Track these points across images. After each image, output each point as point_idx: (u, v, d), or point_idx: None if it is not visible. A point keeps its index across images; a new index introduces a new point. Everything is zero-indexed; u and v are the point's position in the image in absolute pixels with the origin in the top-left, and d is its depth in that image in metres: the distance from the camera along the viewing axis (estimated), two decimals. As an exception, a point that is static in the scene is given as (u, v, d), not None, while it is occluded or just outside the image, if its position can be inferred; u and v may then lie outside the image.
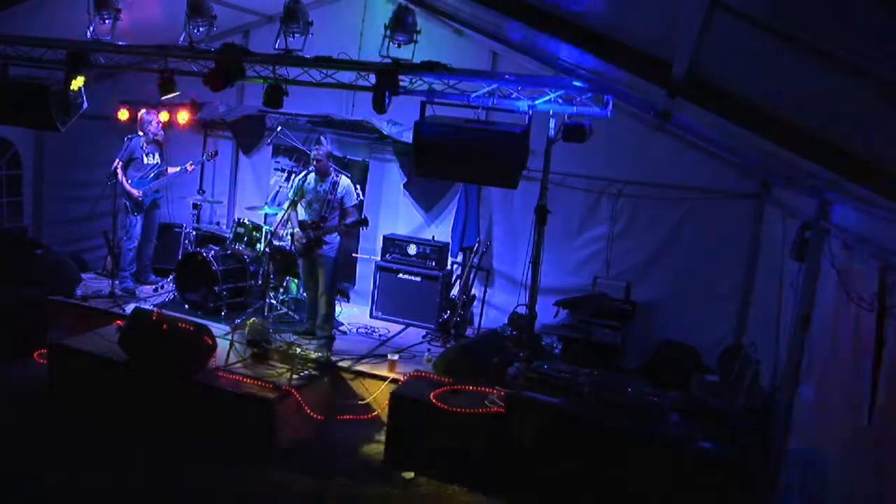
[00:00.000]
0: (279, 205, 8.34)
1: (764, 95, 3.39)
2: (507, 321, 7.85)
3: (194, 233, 8.96)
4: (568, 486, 5.21)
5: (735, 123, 3.73)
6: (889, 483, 3.23)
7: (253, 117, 8.81)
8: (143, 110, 8.31)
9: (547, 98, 5.84)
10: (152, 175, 8.38)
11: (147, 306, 7.31)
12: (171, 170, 8.54)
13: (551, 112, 5.95)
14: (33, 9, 6.92)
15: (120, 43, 6.64)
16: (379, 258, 8.40)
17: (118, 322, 6.99)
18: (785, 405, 4.96)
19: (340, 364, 6.78)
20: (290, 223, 7.44)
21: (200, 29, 6.33)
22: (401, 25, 5.87)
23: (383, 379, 6.50)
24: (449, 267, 8.31)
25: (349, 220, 7.16)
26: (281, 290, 8.15)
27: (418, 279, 8.17)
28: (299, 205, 7.41)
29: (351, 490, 5.47)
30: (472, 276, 8.07)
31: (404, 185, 8.62)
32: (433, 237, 8.39)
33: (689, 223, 7.57)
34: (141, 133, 8.27)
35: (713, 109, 3.73)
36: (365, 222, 7.27)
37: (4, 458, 5.32)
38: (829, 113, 2.99)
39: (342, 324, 7.95)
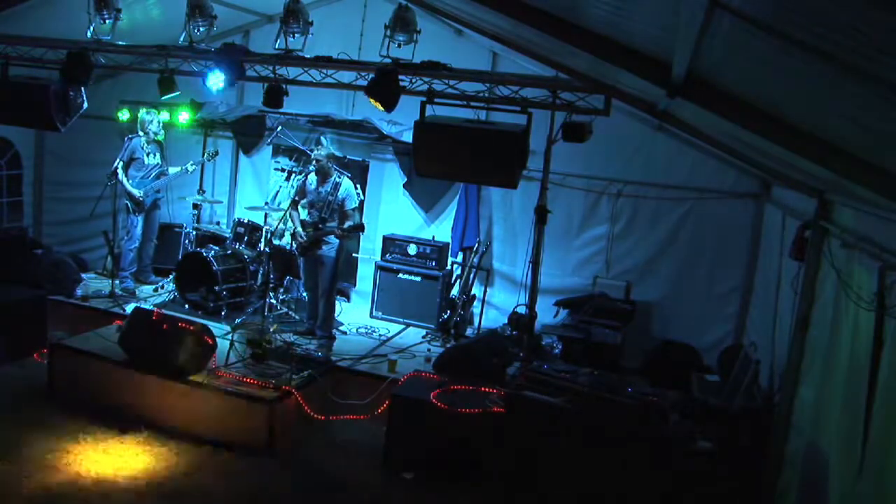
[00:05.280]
0: (279, 204, 8.34)
1: (764, 95, 3.39)
2: (507, 321, 7.85)
3: (194, 233, 8.96)
4: (568, 485, 5.21)
5: (735, 123, 3.73)
6: (889, 481, 3.24)
7: (253, 117, 8.81)
8: (143, 110, 8.30)
9: (546, 98, 5.85)
10: (153, 175, 8.38)
11: (147, 306, 7.32)
12: (171, 170, 8.54)
13: (551, 112, 5.95)
14: (33, 9, 6.92)
15: (120, 43, 6.65)
16: (379, 258, 8.40)
17: (118, 322, 7.00)
18: (785, 405, 4.96)
19: (340, 364, 6.78)
20: (290, 223, 7.44)
21: (200, 29, 6.34)
22: (401, 25, 5.87)
23: (383, 379, 6.50)
24: (449, 267, 8.31)
25: (347, 224, 7.15)
26: (281, 290, 8.15)
27: (418, 279, 8.17)
28: (299, 204, 7.42)
29: (351, 490, 5.47)
30: (472, 276, 8.08)
31: (404, 185, 8.62)
32: (433, 237, 8.39)
33: (689, 223, 7.58)
34: (142, 133, 8.27)
35: (713, 109, 3.74)
36: (361, 227, 7.26)
37: (4, 459, 5.31)
38: (830, 113, 2.99)
39: (342, 324, 7.95)
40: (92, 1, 6.39)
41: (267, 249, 7.85)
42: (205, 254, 7.80)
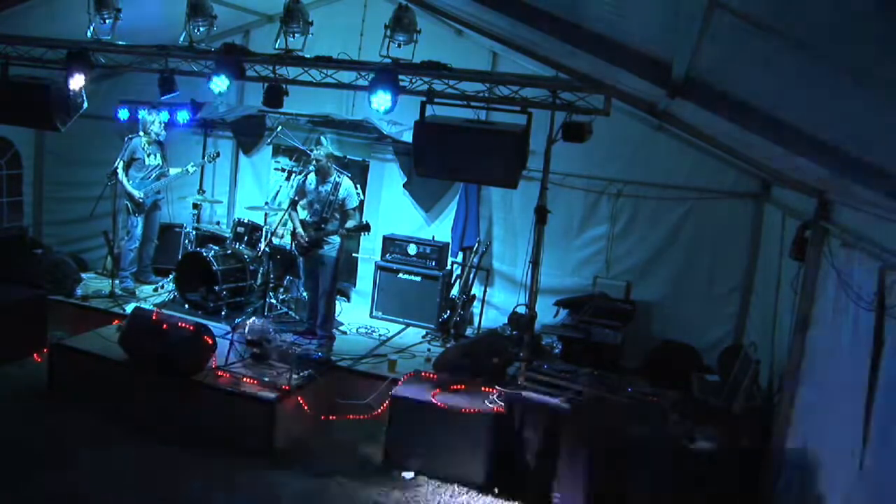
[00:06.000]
0: (279, 204, 8.34)
1: (764, 95, 3.39)
2: (507, 321, 7.85)
3: (194, 233, 8.95)
4: (568, 486, 5.21)
5: (734, 123, 3.73)
6: (889, 481, 3.24)
7: (253, 117, 8.81)
8: (144, 110, 8.30)
9: (546, 98, 5.85)
10: (153, 176, 8.37)
11: (147, 306, 7.32)
12: (172, 171, 8.53)
13: (551, 112, 5.95)
14: (33, 9, 6.92)
15: (120, 43, 6.65)
16: (379, 258, 8.40)
17: (118, 322, 7.00)
18: (785, 405, 4.96)
19: (340, 364, 6.78)
20: (290, 223, 7.44)
21: (200, 29, 6.34)
22: (401, 25, 5.87)
23: (383, 379, 6.50)
24: (449, 267, 8.31)
25: (350, 224, 7.14)
26: (281, 290, 8.15)
27: (418, 279, 8.17)
28: (300, 204, 7.41)
29: (351, 490, 5.47)
30: (472, 275, 8.08)
31: (404, 185, 8.62)
32: (433, 237, 8.39)
33: (689, 223, 7.58)
34: (142, 133, 8.27)
35: (713, 109, 3.74)
36: (367, 227, 7.23)
37: (4, 459, 5.31)
38: (829, 113, 2.99)
39: (342, 324, 7.95)
40: (92, 1, 6.39)
41: (267, 249, 7.84)
42: (205, 254, 7.80)
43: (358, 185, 7.55)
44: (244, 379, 6.07)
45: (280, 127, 8.33)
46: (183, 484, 5.28)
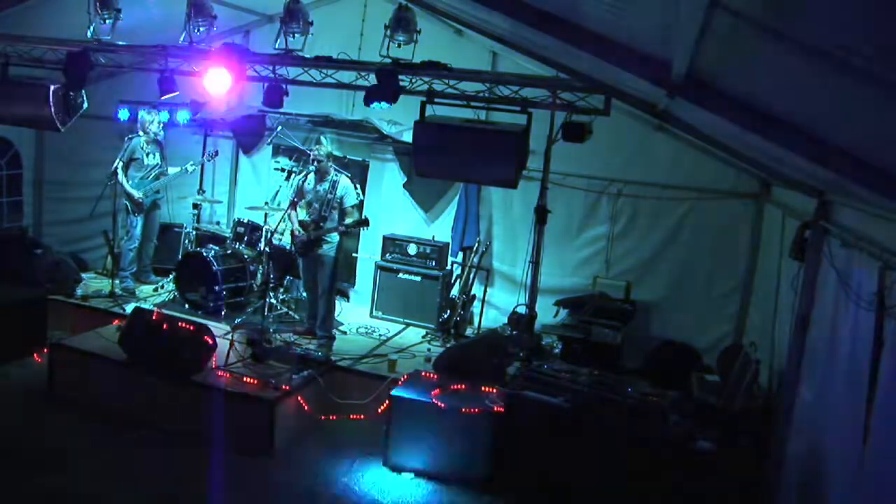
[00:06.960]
0: (279, 204, 8.34)
1: (764, 95, 3.39)
2: (507, 321, 7.85)
3: (194, 232, 8.96)
4: (568, 486, 5.21)
5: (734, 123, 3.73)
6: (889, 481, 3.23)
7: (253, 117, 8.80)
8: (144, 110, 8.30)
9: (546, 98, 5.85)
10: (153, 176, 8.37)
11: (147, 306, 7.32)
12: (171, 170, 8.53)
13: (551, 112, 5.94)
14: (33, 9, 6.92)
15: (120, 43, 6.65)
16: (379, 258, 8.40)
17: (118, 322, 7.00)
18: (785, 405, 4.96)
19: (340, 364, 6.78)
20: (289, 223, 7.44)
21: (200, 29, 6.34)
22: (401, 25, 5.87)
23: (383, 379, 6.50)
24: (449, 267, 8.31)
25: (349, 220, 7.15)
26: (281, 290, 8.15)
27: (418, 279, 8.17)
28: (299, 205, 7.41)
29: (350, 490, 5.47)
30: (472, 275, 8.08)
31: (404, 185, 8.62)
32: (433, 237, 8.39)
33: (689, 223, 7.58)
34: (142, 133, 8.27)
35: (712, 109, 3.74)
36: (365, 222, 7.24)
37: (4, 459, 5.31)
38: (829, 113, 2.99)
39: (342, 323, 7.95)
40: (92, 1, 6.39)
41: (267, 249, 7.85)
42: (205, 254, 7.80)
43: (357, 185, 7.55)
44: (244, 379, 6.07)
45: (280, 127, 8.33)
46: (183, 484, 5.28)
